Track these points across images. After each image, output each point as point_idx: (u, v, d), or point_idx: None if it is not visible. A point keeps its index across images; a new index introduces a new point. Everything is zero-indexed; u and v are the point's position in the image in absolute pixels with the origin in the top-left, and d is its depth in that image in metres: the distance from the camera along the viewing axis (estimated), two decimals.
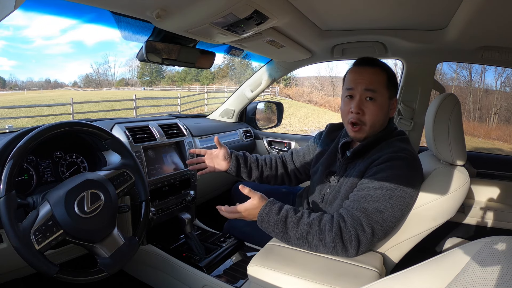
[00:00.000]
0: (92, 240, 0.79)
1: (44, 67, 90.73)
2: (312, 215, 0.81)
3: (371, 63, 0.89)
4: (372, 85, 0.86)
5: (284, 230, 0.81)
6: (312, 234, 0.78)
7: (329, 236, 0.76)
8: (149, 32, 1.02)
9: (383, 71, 0.88)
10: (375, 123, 0.87)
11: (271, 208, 0.83)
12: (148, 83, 42.15)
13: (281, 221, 0.81)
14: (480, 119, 14.66)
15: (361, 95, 0.86)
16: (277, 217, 0.81)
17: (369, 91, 0.86)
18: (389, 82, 0.88)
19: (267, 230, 0.83)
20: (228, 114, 1.90)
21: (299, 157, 1.20)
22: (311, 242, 0.78)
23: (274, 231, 0.82)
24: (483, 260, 0.39)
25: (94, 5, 0.75)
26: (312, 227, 0.78)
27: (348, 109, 0.89)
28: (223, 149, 1.10)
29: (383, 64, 0.90)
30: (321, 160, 1.06)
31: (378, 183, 0.78)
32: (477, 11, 0.83)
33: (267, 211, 0.83)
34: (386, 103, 0.88)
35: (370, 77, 0.86)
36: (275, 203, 0.85)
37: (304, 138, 1.82)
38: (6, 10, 0.52)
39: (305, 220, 0.80)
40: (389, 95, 0.88)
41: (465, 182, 0.81)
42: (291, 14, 0.95)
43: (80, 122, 0.86)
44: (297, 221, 0.80)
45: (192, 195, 1.36)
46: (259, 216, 0.83)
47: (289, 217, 0.81)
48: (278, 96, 21.81)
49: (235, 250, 1.19)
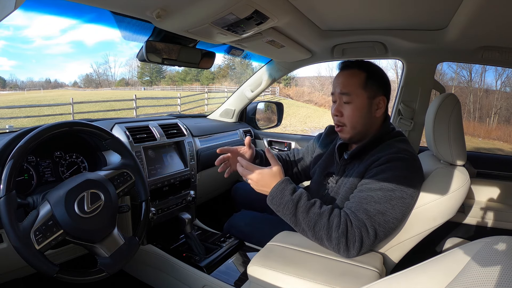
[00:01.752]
0: (92, 240, 0.79)
1: (44, 67, 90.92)
2: (323, 206, 0.80)
3: (347, 66, 0.91)
4: (346, 88, 0.88)
5: (293, 212, 0.79)
6: (319, 225, 0.77)
7: (335, 233, 0.75)
8: (149, 32, 1.01)
9: (360, 72, 0.88)
10: (355, 124, 0.89)
11: (286, 186, 0.81)
12: (148, 83, 42.19)
13: (293, 202, 0.79)
14: (480, 119, 14.64)
15: (339, 98, 0.90)
16: (290, 197, 0.79)
17: (344, 94, 0.89)
18: (368, 82, 0.87)
19: (276, 207, 0.81)
20: (228, 114, 1.90)
21: (298, 158, 1.22)
22: (317, 233, 0.78)
23: (283, 211, 0.80)
24: (483, 260, 0.39)
25: (94, 5, 0.75)
26: (322, 218, 0.77)
27: (332, 111, 0.94)
28: (250, 151, 1.08)
29: (362, 65, 0.90)
30: (319, 161, 1.07)
31: (379, 184, 0.78)
32: (477, 11, 0.83)
33: (282, 188, 0.81)
34: (364, 104, 0.87)
35: (344, 80, 0.90)
36: (291, 183, 0.83)
37: (304, 138, 1.82)
38: (6, 10, 0.52)
39: (316, 209, 0.79)
40: (368, 95, 0.87)
41: (465, 182, 0.81)
42: (291, 14, 0.95)
43: (80, 122, 0.86)
44: (309, 208, 0.79)
45: (192, 195, 1.36)
46: (273, 191, 0.81)
47: (302, 201, 0.79)
48: (278, 96, 21.81)
49: (235, 250, 1.19)
